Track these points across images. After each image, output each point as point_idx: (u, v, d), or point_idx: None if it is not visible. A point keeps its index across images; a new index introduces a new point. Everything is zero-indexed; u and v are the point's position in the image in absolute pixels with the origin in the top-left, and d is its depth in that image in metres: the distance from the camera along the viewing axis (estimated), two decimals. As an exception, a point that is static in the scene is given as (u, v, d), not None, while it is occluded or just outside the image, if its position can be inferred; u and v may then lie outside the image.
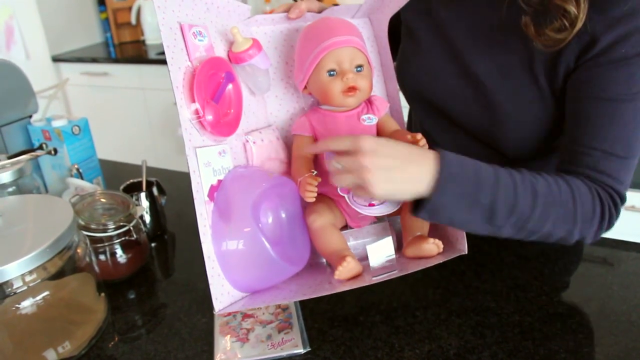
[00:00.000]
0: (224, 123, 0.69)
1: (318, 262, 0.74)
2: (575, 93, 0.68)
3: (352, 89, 0.70)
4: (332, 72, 0.70)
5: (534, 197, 0.61)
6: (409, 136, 0.70)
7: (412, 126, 1.00)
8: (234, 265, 0.64)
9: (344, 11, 0.79)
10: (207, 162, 0.65)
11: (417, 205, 0.60)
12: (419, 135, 0.69)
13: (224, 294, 0.64)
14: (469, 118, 0.80)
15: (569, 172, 0.67)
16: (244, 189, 0.66)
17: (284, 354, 0.64)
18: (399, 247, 0.72)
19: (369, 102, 0.75)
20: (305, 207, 0.72)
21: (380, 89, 0.82)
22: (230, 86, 0.70)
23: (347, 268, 0.63)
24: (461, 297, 0.72)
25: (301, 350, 0.64)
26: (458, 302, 0.71)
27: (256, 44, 0.71)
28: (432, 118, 0.81)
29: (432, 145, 0.86)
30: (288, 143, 0.78)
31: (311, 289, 0.65)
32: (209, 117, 0.65)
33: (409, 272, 0.64)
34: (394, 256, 0.66)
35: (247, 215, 0.63)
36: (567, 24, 0.63)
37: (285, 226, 0.70)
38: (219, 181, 0.66)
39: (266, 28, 0.78)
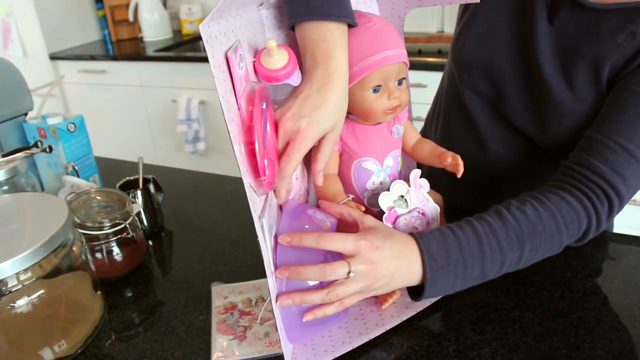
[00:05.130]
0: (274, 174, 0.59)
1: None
2: (621, 84, 0.67)
3: (396, 107, 0.66)
4: (376, 89, 0.65)
5: (521, 246, 0.62)
6: (449, 158, 0.68)
7: (440, 106, 0.95)
8: (297, 314, 0.60)
9: None
10: (269, 228, 0.58)
11: (414, 291, 0.64)
12: (459, 159, 0.68)
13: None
14: (520, 100, 0.78)
15: (577, 164, 0.65)
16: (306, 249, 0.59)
17: (282, 351, 0.63)
18: None
19: None
20: None
21: None
22: (268, 127, 0.58)
23: (394, 298, 0.68)
24: (460, 293, 0.71)
25: (299, 348, 0.63)
26: (457, 298, 0.70)
27: (292, 59, 0.60)
28: (479, 97, 0.79)
29: (472, 127, 0.84)
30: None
31: (366, 328, 0.65)
32: (268, 173, 0.55)
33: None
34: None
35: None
36: None
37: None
38: (276, 242, 0.60)
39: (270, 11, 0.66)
